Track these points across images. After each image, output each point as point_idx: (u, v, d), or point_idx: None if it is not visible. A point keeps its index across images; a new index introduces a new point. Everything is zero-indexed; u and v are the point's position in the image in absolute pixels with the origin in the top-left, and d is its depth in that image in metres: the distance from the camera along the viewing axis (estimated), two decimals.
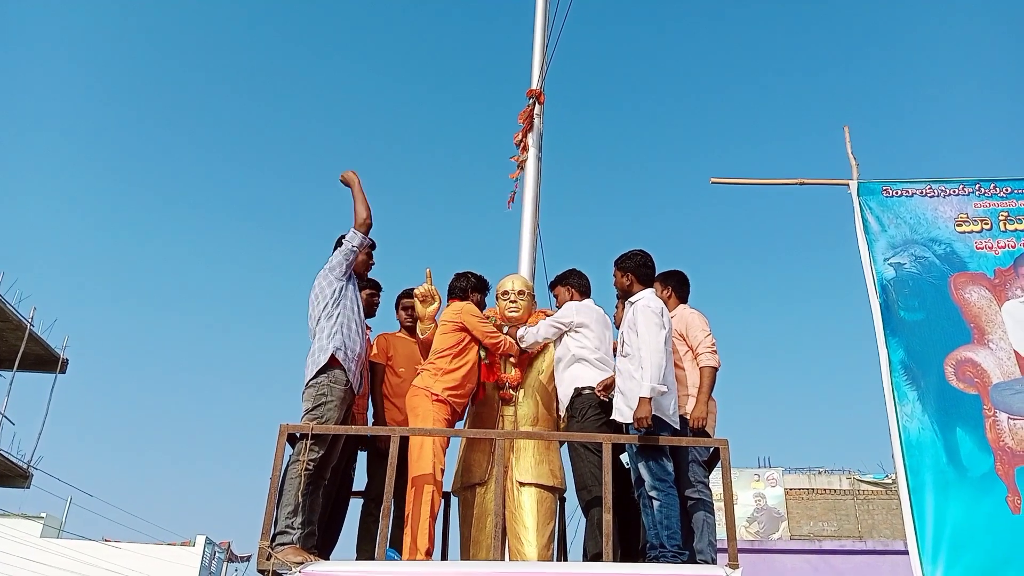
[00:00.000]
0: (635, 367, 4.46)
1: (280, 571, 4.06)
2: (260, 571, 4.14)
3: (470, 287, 5.31)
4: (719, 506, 4.44)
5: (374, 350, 5.38)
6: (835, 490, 24.56)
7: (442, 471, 4.74)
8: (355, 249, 4.78)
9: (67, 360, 18.90)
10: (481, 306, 5.34)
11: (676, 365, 4.80)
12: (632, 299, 4.76)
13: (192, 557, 33.45)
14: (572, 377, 5.03)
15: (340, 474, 4.92)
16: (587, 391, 4.92)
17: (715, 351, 4.90)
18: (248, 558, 37.52)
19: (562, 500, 5.32)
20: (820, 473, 25.58)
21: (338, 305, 4.70)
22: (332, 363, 4.55)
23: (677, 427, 4.55)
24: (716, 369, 4.87)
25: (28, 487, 18.34)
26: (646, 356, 4.39)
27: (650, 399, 4.29)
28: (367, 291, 5.34)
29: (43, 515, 32.33)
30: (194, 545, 34.20)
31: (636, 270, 4.87)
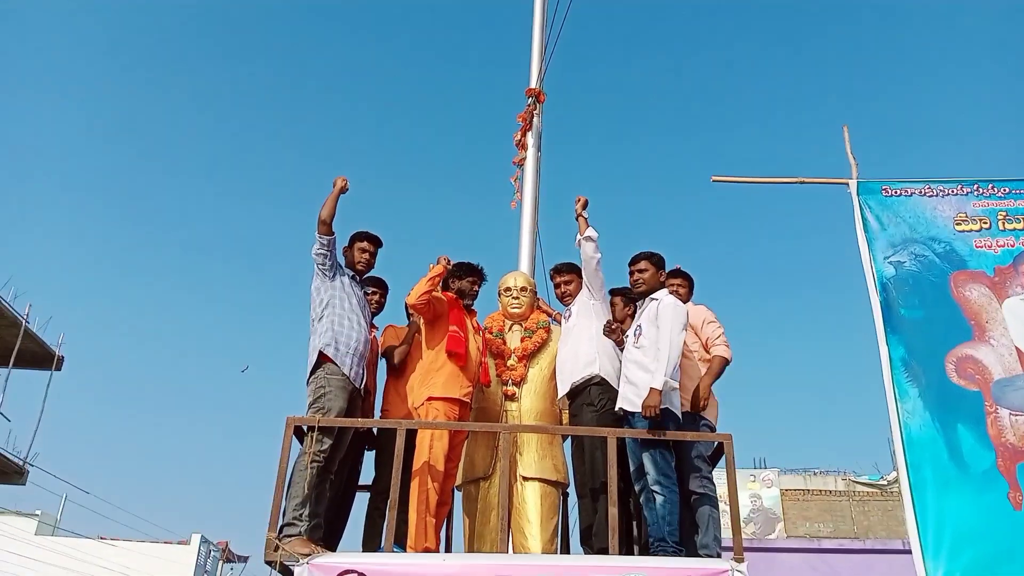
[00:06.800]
0: (650, 359, 4.54)
1: (287, 562, 4.07)
2: (267, 562, 4.15)
3: (450, 275, 5.28)
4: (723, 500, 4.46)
5: (383, 340, 5.38)
6: (831, 491, 24.54)
7: (440, 472, 4.71)
8: (319, 252, 4.87)
9: (63, 357, 18.91)
10: (468, 291, 5.29)
11: (686, 357, 4.85)
12: (656, 295, 4.83)
13: (188, 556, 33.42)
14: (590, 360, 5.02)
15: (347, 467, 4.94)
16: (604, 382, 4.95)
17: (727, 344, 4.98)
18: (247, 558, 37.51)
19: (565, 495, 5.34)
20: (816, 474, 25.54)
21: (327, 305, 4.86)
22: (323, 359, 4.72)
23: (681, 421, 4.60)
24: (727, 361, 4.95)
25: (24, 484, 18.35)
26: (664, 350, 4.48)
27: (660, 391, 4.38)
28: (371, 290, 5.40)
29: (38, 512, 32.27)
30: (190, 544, 34.15)
31: (664, 268, 4.98)
